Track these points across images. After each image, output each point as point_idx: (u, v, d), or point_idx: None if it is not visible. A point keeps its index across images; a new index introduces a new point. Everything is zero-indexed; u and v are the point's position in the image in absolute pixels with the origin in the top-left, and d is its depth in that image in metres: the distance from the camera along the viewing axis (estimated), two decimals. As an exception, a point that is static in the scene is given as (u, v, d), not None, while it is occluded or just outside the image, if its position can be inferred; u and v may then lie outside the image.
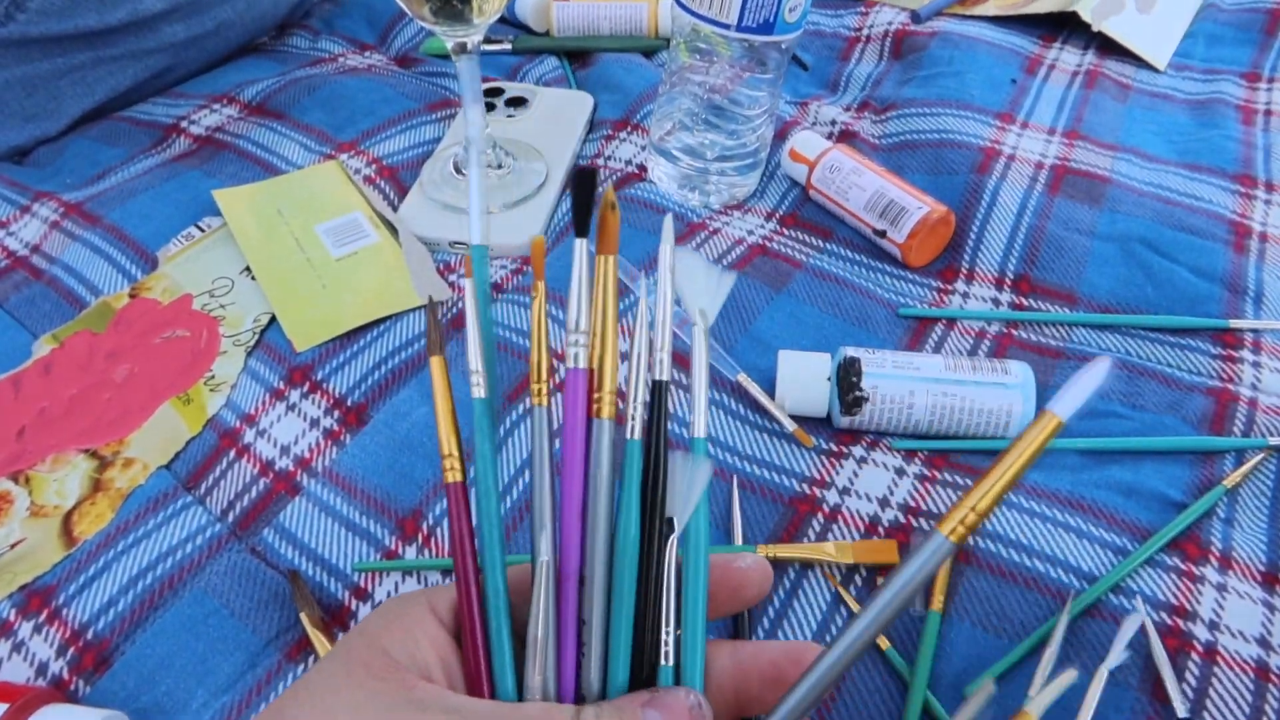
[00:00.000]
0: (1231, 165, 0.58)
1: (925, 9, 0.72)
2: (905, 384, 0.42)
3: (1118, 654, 0.33)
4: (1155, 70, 0.69)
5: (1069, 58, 0.69)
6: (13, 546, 0.41)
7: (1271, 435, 0.43)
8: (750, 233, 0.55)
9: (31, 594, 0.39)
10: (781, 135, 0.61)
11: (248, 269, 0.53)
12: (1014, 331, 0.49)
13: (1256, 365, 0.46)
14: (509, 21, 0.79)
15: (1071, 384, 0.21)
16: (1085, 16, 0.69)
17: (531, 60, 0.73)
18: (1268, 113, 0.64)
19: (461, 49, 0.52)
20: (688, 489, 0.26)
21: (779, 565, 0.38)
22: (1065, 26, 0.72)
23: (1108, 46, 0.70)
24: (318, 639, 0.36)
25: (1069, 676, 0.31)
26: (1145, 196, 0.55)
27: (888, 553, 0.38)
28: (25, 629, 0.38)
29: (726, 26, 0.50)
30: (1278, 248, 0.53)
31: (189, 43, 0.70)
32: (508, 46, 0.74)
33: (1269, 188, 0.57)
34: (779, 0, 0.48)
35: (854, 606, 0.37)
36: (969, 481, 0.41)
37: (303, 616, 0.36)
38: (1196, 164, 0.58)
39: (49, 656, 0.37)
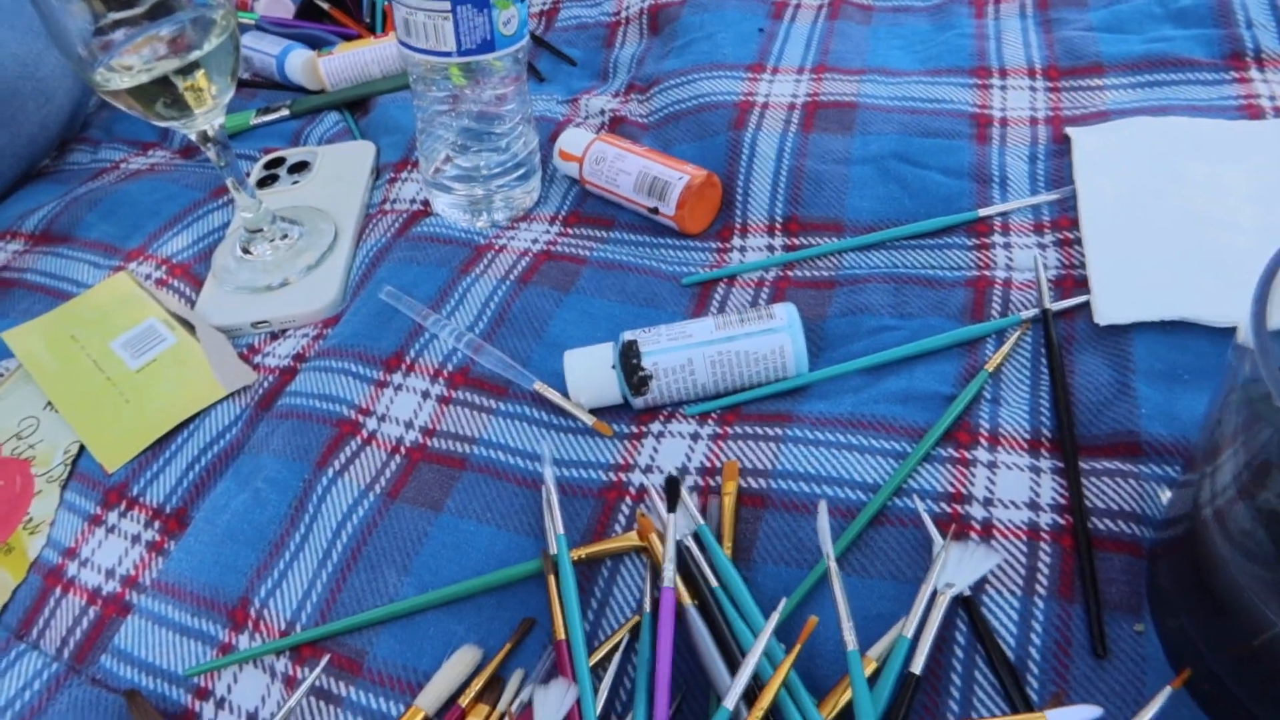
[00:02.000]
0: (968, 61, 0.61)
1: (674, -21, 0.74)
2: (682, 353, 0.44)
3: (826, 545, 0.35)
4: (896, -14, 0.72)
5: (814, -7, 0.71)
6: None
7: (1024, 310, 0.46)
8: (535, 241, 0.56)
9: (-121, 785, 0.39)
10: (555, 136, 0.63)
11: (50, 403, 0.53)
12: (790, 273, 0.51)
13: (1007, 246, 0.49)
14: (286, 86, 0.79)
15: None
16: (822, -50, 0.72)
17: (312, 120, 0.73)
18: (996, 1, 0.67)
19: (204, 138, 0.52)
20: None
21: (593, 563, 0.40)
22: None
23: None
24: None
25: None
26: (892, 112, 0.58)
27: None
28: (-123, 821, 0.38)
29: (448, 54, 0.51)
30: (1017, 128, 0.56)
31: (-41, 188, 0.68)
32: (286, 112, 0.74)
33: (1002, 74, 0.60)
34: (490, 18, 0.50)
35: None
36: (760, 430, 0.43)
37: (145, 732, 0.37)
38: (937, 68, 0.61)
39: (-96, 841, 0.37)
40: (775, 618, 0.34)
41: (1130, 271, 0.45)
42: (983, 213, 0.51)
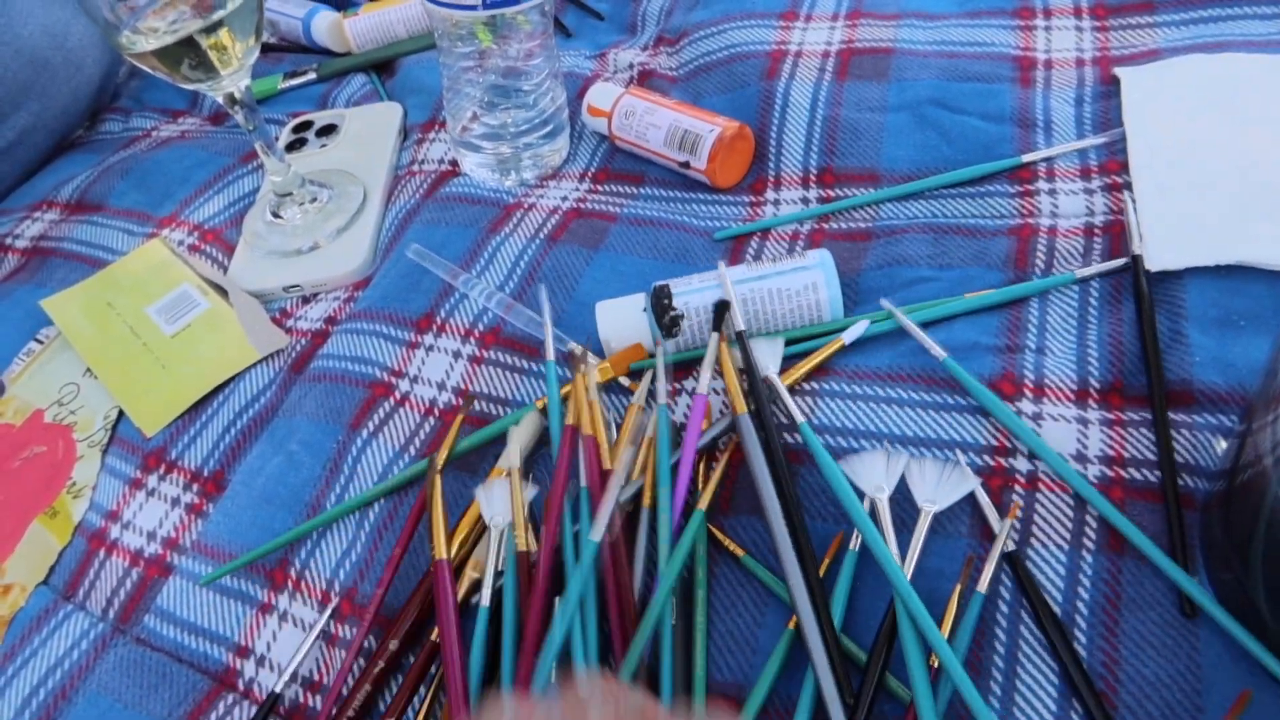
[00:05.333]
0: (1010, 1, 0.59)
1: (702, -73, 0.72)
2: (714, 293, 0.43)
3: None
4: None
5: (849, -63, 0.69)
6: (-92, 701, 0.41)
7: (1072, 260, 0.44)
8: (564, 198, 0.55)
9: (-63, 740, 0.40)
10: (583, 92, 0.61)
11: (89, 370, 0.53)
12: (825, 225, 0.50)
13: (1052, 193, 0.47)
14: (313, 49, 0.78)
15: None
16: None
17: (339, 83, 0.73)
18: (1041, -60, 0.64)
19: (231, 100, 0.51)
20: None
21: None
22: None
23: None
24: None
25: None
26: (929, 57, 0.56)
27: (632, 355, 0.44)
28: (-65, 777, 0.39)
29: (473, 8, 0.50)
30: (1063, 70, 0.54)
31: (-3, 158, 0.69)
32: (313, 76, 0.74)
33: (1046, 14, 0.57)
34: (514, -31, 0.48)
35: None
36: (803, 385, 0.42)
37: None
38: (977, 10, 0.59)
39: (-37, 794, 0.38)
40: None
41: (1183, 215, 0.43)
42: (1026, 158, 0.49)
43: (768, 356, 0.40)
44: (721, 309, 0.43)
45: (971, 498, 0.36)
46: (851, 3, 0.61)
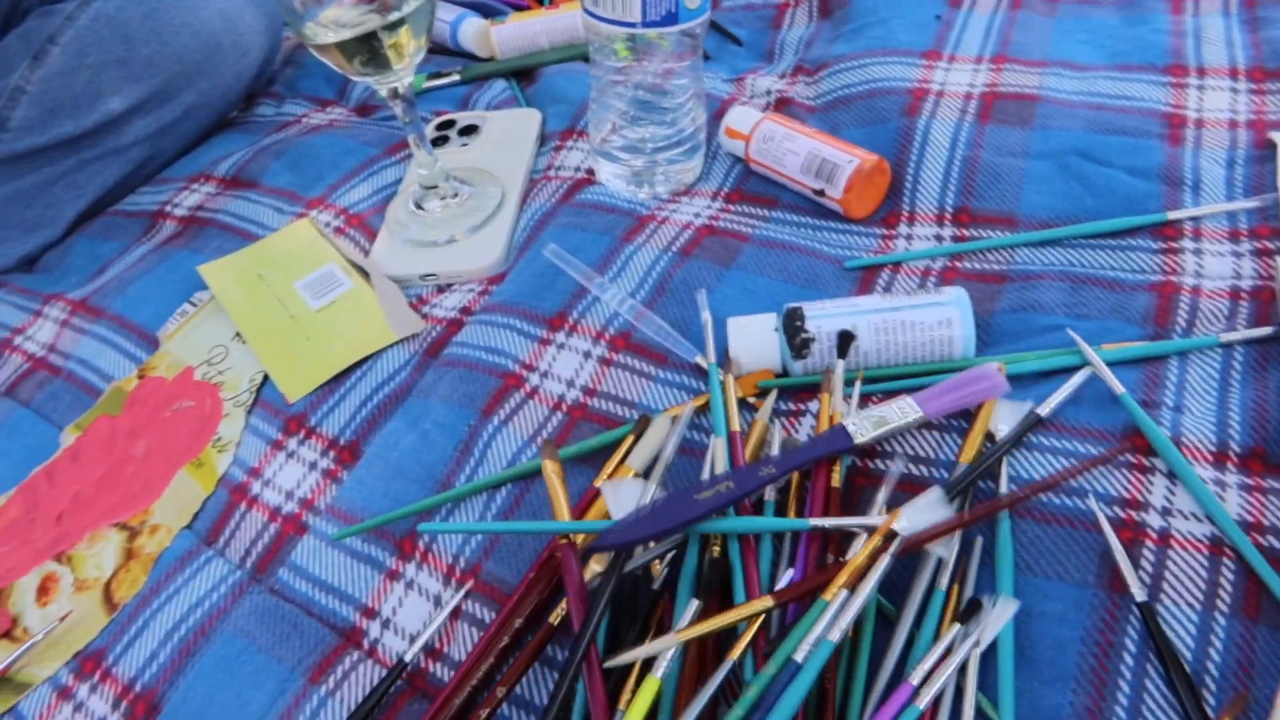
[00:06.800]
0: (1162, 58, 0.59)
1: (848, -38, 0.73)
2: (846, 319, 0.44)
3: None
4: (1084, -23, 0.69)
5: (995, -19, 0.69)
6: (62, 619, 0.45)
7: (1216, 322, 0.44)
8: (697, 215, 0.57)
9: (84, 659, 0.43)
10: (720, 114, 0.63)
11: (238, 334, 0.57)
12: (958, 264, 0.50)
13: (1198, 253, 0.47)
14: (456, 52, 0.82)
15: None
16: (1006, -62, 0.70)
17: (481, 86, 0.76)
18: (1196, -2, 0.64)
19: (394, 94, 0.55)
20: None
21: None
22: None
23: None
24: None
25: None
26: (1076, 107, 0.56)
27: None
28: (83, 690, 0.42)
29: (632, 25, 0.52)
30: (1215, 131, 0.53)
31: (162, 132, 0.74)
32: (456, 77, 0.77)
33: (1200, 73, 0.57)
34: (677, -9, 0.50)
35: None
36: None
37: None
38: (1127, 64, 0.59)
39: (105, 712, 0.41)
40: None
41: (1338, 287, 0.42)
42: (1172, 216, 0.48)
43: (1007, 416, 0.41)
44: (846, 339, 0.43)
45: (1102, 546, 0.36)
46: (997, 47, 0.62)
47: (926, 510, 0.35)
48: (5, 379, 0.60)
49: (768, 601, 0.33)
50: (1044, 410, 0.40)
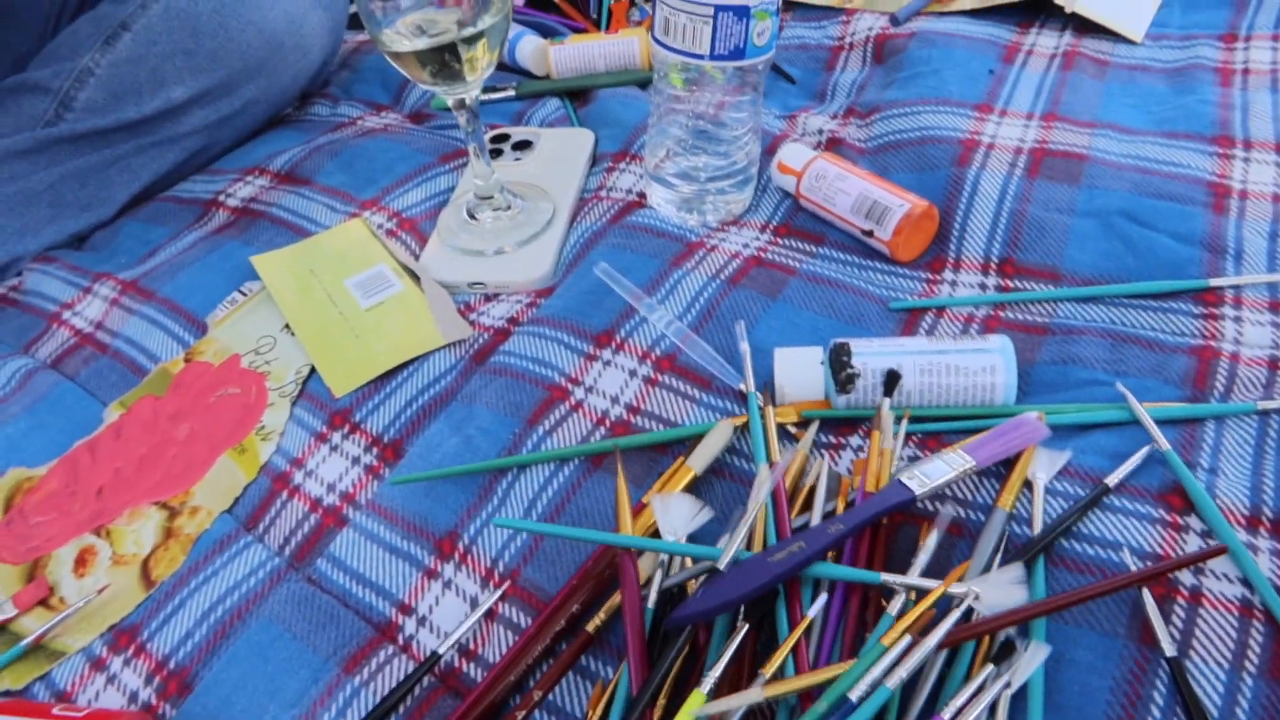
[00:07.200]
0: (1209, 128, 0.60)
1: (903, 11, 0.75)
2: (892, 358, 0.45)
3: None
4: (1133, 43, 0.71)
5: (1046, 41, 0.71)
6: (99, 592, 0.45)
7: (1253, 389, 0.44)
8: (746, 245, 0.58)
9: (119, 633, 0.44)
10: (771, 149, 0.64)
11: (287, 326, 0.58)
12: (1000, 313, 0.51)
13: (1238, 320, 0.48)
14: (511, 68, 0.84)
15: None
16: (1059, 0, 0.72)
17: (535, 103, 0.78)
18: (1245, 71, 0.65)
19: (460, 105, 0.56)
20: None
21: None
22: (1041, 11, 0.74)
23: (1085, 25, 0.72)
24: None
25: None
26: (1123, 170, 0.57)
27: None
28: (116, 663, 0.42)
29: (701, 56, 0.53)
30: (1259, 203, 0.54)
31: (219, 123, 0.76)
32: (512, 93, 0.79)
33: (1247, 145, 0.58)
34: (746, 27, 0.52)
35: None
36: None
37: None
38: (1174, 131, 0.60)
39: (138, 686, 0.41)
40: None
41: (1377, 365, 0.43)
42: (1214, 282, 0.50)
43: (1045, 463, 0.41)
44: (893, 379, 0.44)
45: (1134, 599, 0.37)
46: (1047, 105, 0.63)
47: (1004, 587, 0.35)
48: (52, 352, 0.61)
49: (842, 668, 0.34)
50: (1112, 481, 0.40)
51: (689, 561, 0.40)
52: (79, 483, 0.52)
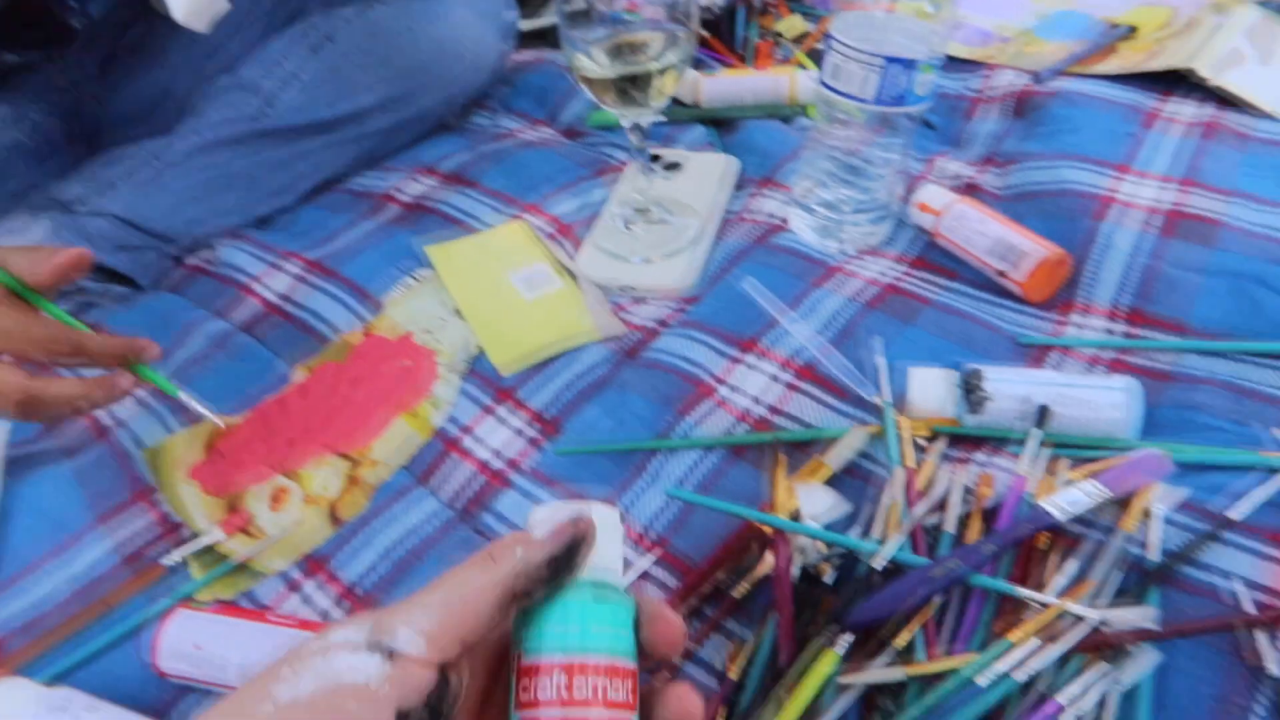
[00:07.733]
0: (1345, 204, 0.62)
1: (1046, 71, 0.78)
2: (1023, 386, 0.49)
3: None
4: (1275, 119, 0.72)
5: (1187, 110, 0.73)
6: (296, 524, 0.52)
7: (1376, 449, 0.47)
8: (882, 273, 0.62)
9: (311, 561, 0.50)
10: (909, 188, 0.68)
11: (456, 310, 0.64)
12: (1125, 357, 0.54)
13: (1364, 386, 0.50)
14: (660, 95, 0.90)
15: None
16: (1203, 73, 0.74)
17: (681, 128, 0.83)
18: (1387, 155, 0.67)
19: (636, 127, 0.62)
20: None
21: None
22: (1184, 81, 0.77)
23: (1227, 97, 0.74)
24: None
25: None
26: (1257, 238, 0.59)
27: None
28: (309, 586, 0.49)
29: (865, 101, 0.58)
30: (1394, 281, 0.56)
31: (396, 127, 0.83)
32: (662, 117, 0.85)
33: (1384, 225, 0.60)
34: (910, 80, 0.56)
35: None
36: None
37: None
38: (1311, 205, 0.62)
39: (329, 606, 0.47)
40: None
41: None
42: (1343, 349, 0.52)
43: (1162, 494, 0.44)
44: (1044, 413, 0.48)
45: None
46: (1186, 170, 0.66)
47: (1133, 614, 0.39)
48: (244, 318, 0.69)
49: (971, 657, 0.38)
50: (1235, 514, 0.43)
51: (821, 546, 0.44)
52: (271, 432, 0.59)
